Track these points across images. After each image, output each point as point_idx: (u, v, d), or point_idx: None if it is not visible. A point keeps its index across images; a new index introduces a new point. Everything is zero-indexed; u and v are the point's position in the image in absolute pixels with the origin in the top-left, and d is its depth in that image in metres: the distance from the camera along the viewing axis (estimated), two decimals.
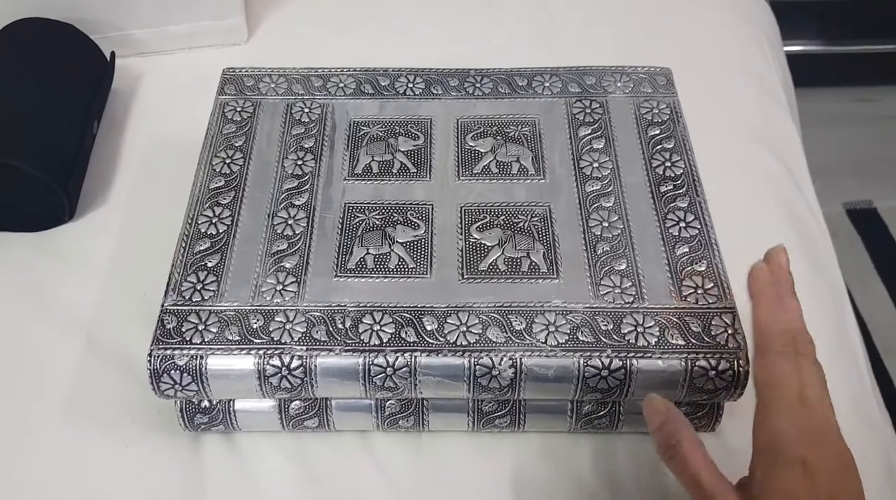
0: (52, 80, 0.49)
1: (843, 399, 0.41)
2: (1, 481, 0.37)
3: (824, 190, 0.54)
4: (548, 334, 0.35)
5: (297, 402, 0.37)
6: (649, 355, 0.34)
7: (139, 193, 0.50)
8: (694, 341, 0.34)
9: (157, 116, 0.54)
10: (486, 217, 0.39)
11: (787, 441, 0.29)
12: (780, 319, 0.32)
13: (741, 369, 0.34)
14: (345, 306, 0.36)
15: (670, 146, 0.42)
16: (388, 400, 0.37)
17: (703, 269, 0.37)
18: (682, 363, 0.34)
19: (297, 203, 0.40)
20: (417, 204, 0.40)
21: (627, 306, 0.36)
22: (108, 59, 0.54)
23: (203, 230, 0.38)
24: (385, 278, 0.37)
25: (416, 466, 0.38)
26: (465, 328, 0.35)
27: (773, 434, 0.29)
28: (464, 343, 0.34)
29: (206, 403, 0.37)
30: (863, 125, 1.07)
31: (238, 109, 0.44)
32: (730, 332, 0.35)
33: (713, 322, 0.35)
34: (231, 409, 0.37)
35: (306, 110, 0.44)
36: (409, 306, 0.35)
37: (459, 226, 0.39)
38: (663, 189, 0.40)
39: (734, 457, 0.38)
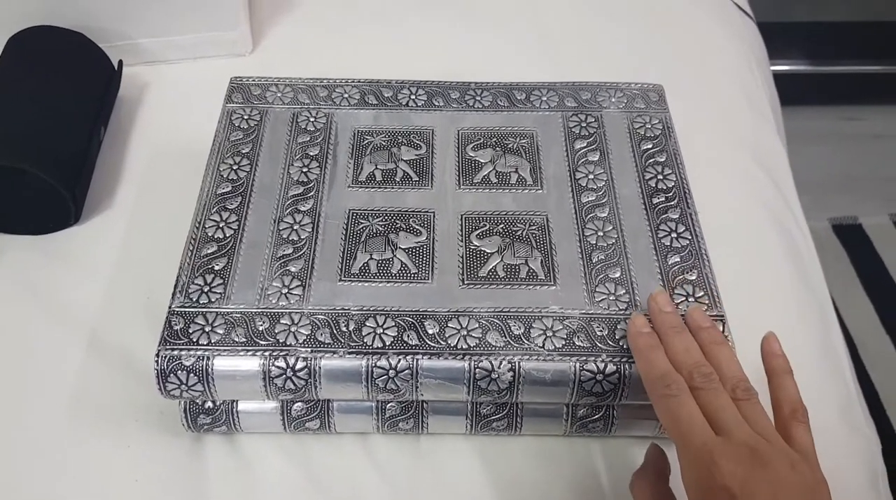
0: (61, 87, 0.50)
1: (830, 408, 0.42)
2: (5, 480, 0.38)
3: (811, 206, 0.56)
4: (545, 339, 0.36)
5: (300, 404, 0.38)
6: None
7: (143, 198, 0.50)
8: None
9: (162, 124, 0.55)
10: (485, 225, 0.41)
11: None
12: (653, 364, 0.33)
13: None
14: (348, 309, 0.37)
15: (662, 160, 0.44)
16: (388, 403, 0.38)
17: (693, 278, 0.38)
18: None
19: (302, 209, 0.41)
20: (419, 211, 0.41)
21: (622, 312, 0.37)
22: (116, 68, 0.55)
23: (210, 234, 0.39)
24: (388, 282, 0.38)
25: (415, 468, 0.39)
26: (465, 332, 0.36)
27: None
28: (464, 347, 0.35)
29: (209, 404, 0.38)
30: (848, 143, 1.10)
31: (245, 117, 0.45)
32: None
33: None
34: (234, 410, 0.38)
35: (312, 119, 0.45)
36: (411, 311, 0.37)
37: (460, 233, 0.40)
38: (656, 201, 0.42)
39: None
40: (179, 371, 0.35)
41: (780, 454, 0.30)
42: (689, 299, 0.38)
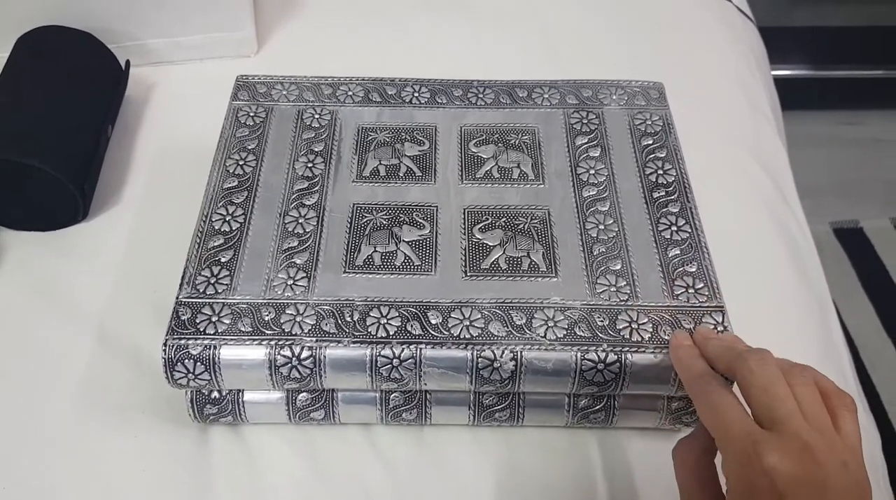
0: (70, 86, 0.51)
1: None
2: (13, 470, 0.38)
3: (811, 210, 0.56)
4: (547, 329, 0.36)
5: (305, 394, 0.38)
6: (643, 349, 0.36)
7: (150, 194, 0.51)
8: None
9: (168, 123, 0.56)
10: (488, 219, 0.41)
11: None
12: (693, 365, 0.33)
13: None
14: (353, 300, 0.37)
15: (662, 155, 0.44)
16: (392, 393, 0.38)
17: (693, 270, 0.39)
18: None
19: (307, 203, 0.41)
20: (423, 205, 0.42)
21: (622, 303, 0.37)
22: (123, 68, 0.56)
23: (217, 227, 0.40)
24: (392, 274, 0.38)
25: (418, 458, 0.39)
26: (468, 322, 0.36)
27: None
28: (467, 337, 0.36)
29: (216, 394, 0.38)
30: (848, 147, 1.10)
31: (251, 114, 0.46)
32: (720, 329, 0.37)
33: (704, 319, 0.37)
34: (240, 400, 0.38)
35: (316, 116, 0.46)
36: (415, 301, 0.37)
37: (463, 227, 0.41)
38: (656, 195, 0.42)
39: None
40: (186, 360, 0.35)
41: (834, 452, 0.28)
42: (690, 291, 0.38)
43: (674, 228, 0.41)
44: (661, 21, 0.66)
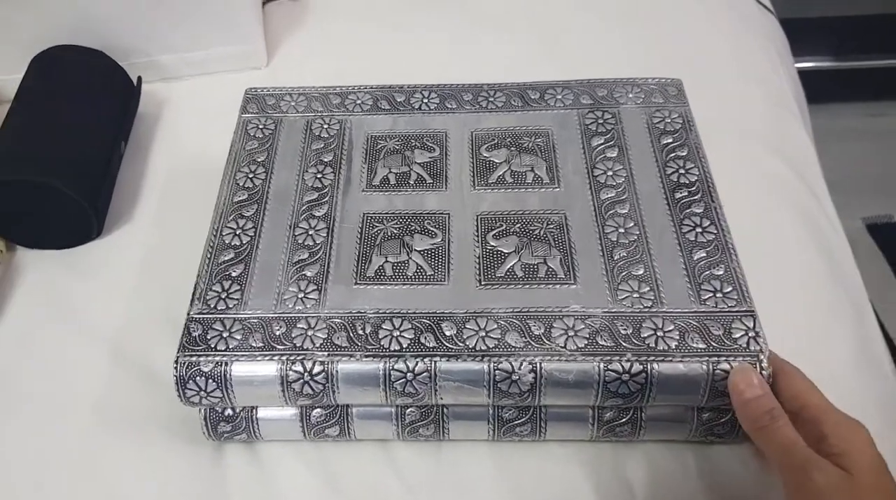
0: (83, 104, 0.51)
1: (869, 409, 0.40)
2: (30, 487, 0.38)
3: (841, 206, 0.54)
4: (567, 339, 0.35)
5: (319, 410, 0.37)
6: (670, 358, 0.34)
7: (164, 211, 0.51)
8: (715, 345, 0.34)
9: (181, 138, 0.56)
10: (502, 225, 0.40)
11: None
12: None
13: (763, 371, 0.34)
14: (365, 312, 0.36)
15: (684, 154, 0.43)
16: (408, 408, 0.37)
17: (720, 273, 0.37)
18: (704, 367, 0.34)
19: (317, 214, 0.41)
20: (434, 213, 0.41)
21: (646, 310, 0.36)
22: (135, 84, 0.56)
23: (227, 242, 0.39)
24: (404, 285, 0.37)
25: (437, 475, 0.38)
26: (483, 333, 0.35)
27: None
28: (483, 348, 0.35)
29: (229, 411, 0.37)
30: (875, 140, 1.07)
31: (260, 127, 0.45)
32: (751, 335, 0.35)
33: (734, 325, 0.35)
34: (254, 417, 0.37)
35: (325, 126, 0.45)
36: (428, 312, 0.36)
37: (476, 234, 0.39)
38: (678, 196, 0.41)
39: (757, 466, 0.37)
40: (198, 377, 0.35)
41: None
42: (718, 295, 0.36)
43: (698, 229, 0.39)
44: (676, 16, 0.64)
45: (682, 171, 0.42)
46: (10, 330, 0.45)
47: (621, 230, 0.39)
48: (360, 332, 0.35)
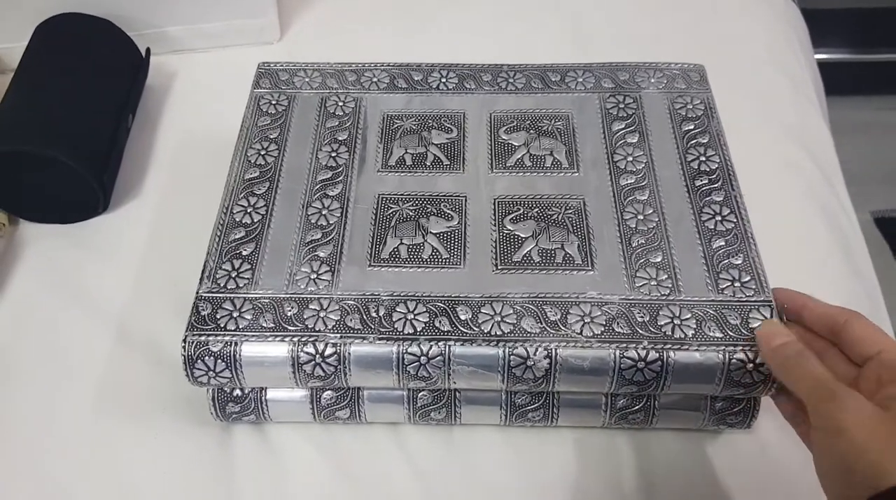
0: (89, 75, 0.50)
1: None
2: (33, 467, 0.38)
3: (853, 198, 0.53)
4: (583, 325, 0.34)
5: (329, 392, 0.37)
6: (686, 347, 0.34)
7: (171, 186, 0.50)
8: (732, 334, 0.34)
9: (190, 113, 0.55)
10: (519, 209, 0.39)
11: None
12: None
13: None
14: (378, 295, 0.35)
15: (705, 141, 0.42)
16: (420, 392, 0.36)
17: (739, 262, 0.37)
18: (720, 356, 0.33)
19: (331, 194, 0.40)
20: (451, 196, 0.40)
21: (664, 298, 0.35)
22: (144, 56, 0.55)
23: (238, 219, 0.39)
24: (418, 267, 0.37)
25: (448, 460, 0.37)
26: (499, 318, 0.35)
27: None
28: (498, 333, 0.34)
29: (238, 392, 0.37)
30: (886, 134, 1.06)
31: (273, 103, 0.44)
32: None
33: (751, 315, 0.35)
34: (263, 398, 0.37)
35: (340, 104, 0.44)
36: (443, 296, 0.35)
37: (493, 217, 0.39)
38: (698, 183, 0.40)
39: (769, 454, 0.37)
40: (207, 357, 0.34)
41: None
42: (735, 284, 0.36)
43: (718, 217, 0.38)
44: (696, 2, 0.63)
45: (702, 158, 0.41)
46: (11, 306, 0.44)
47: (640, 217, 0.39)
48: (374, 314, 0.35)
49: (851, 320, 0.32)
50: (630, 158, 0.41)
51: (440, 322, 0.34)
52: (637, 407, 0.36)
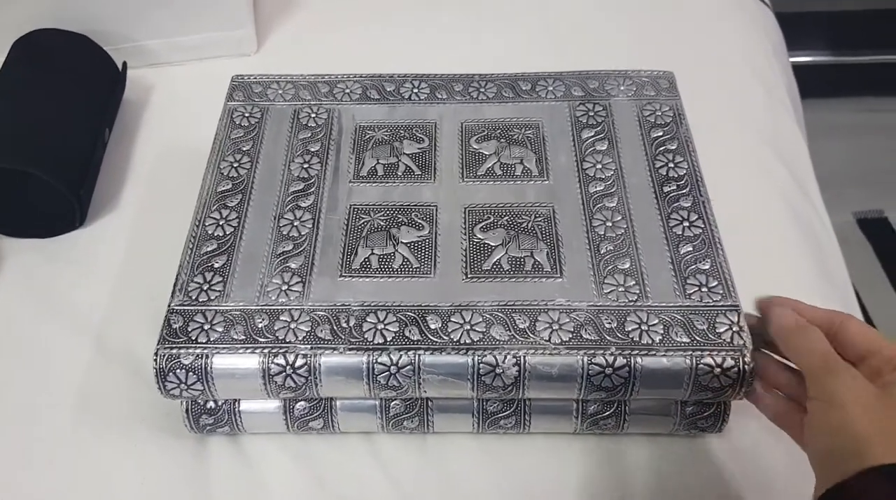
0: (66, 90, 0.50)
1: None
2: (10, 480, 0.38)
3: (833, 200, 0.54)
4: (551, 333, 0.35)
5: (302, 402, 0.37)
6: (654, 352, 0.34)
7: (148, 200, 0.50)
8: (699, 339, 0.34)
9: (167, 126, 0.55)
10: (489, 218, 0.40)
11: None
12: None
13: (746, 366, 0.34)
14: (349, 305, 0.36)
15: (673, 148, 0.42)
16: (392, 401, 0.37)
17: (706, 267, 0.37)
18: (687, 361, 0.34)
19: (302, 205, 0.40)
20: (422, 205, 0.40)
21: (631, 304, 0.36)
22: (120, 70, 0.55)
23: (210, 232, 0.39)
24: (389, 277, 0.37)
25: (422, 467, 0.38)
26: (468, 327, 0.35)
27: None
28: (467, 341, 0.34)
29: (211, 404, 0.37)
30: (871, 136, 1.07)
31: (246, 115, 0.45)
32: (735, 329, 0.35)
33: (718, 320, 0.35)
34: (236, 410, 0.37)
35: (313, 115, 0.45)
36: (413, 305, 0.36)
37: (463, 226, 0.39)
38: (667, 189, 0.40)
39: (741, 458, 0.38)
40: (178, 370, 0.34)
41: None
42: (703, 289, 0.36)
43: (686, 223, 0.39)
44: (670, 7, 0.63)
45: (671, 164, 0.42)
46: None
47: (609, 224, 0.39)
48: (344, 325, 0.35)
49: (847, 321, 0.33)
50: (599, 166, 0.42)
51: (410, 332, 0.35)
52: (608, 413, 0.37)
